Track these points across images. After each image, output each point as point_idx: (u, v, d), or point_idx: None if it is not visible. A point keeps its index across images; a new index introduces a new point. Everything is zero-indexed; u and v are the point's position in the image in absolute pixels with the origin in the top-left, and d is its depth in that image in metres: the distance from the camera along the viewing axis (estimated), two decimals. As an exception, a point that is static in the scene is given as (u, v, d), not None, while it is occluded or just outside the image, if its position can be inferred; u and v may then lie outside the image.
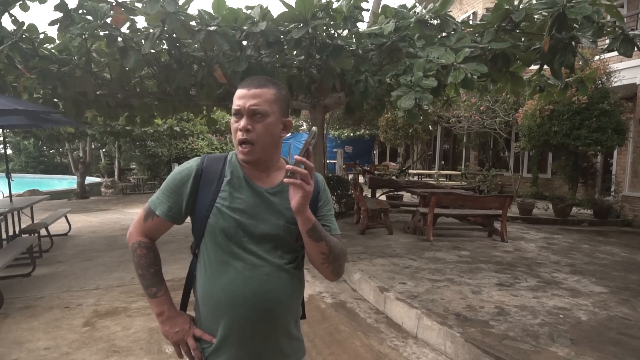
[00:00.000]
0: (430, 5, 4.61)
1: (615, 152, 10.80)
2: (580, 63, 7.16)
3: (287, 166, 1.17)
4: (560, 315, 3.71)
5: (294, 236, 1.35)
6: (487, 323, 3.50)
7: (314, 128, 1.24)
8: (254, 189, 1.35)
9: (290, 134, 8.37)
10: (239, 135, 1.30)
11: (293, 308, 1.42)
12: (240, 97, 1.30)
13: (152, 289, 1.41)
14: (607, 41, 4.51)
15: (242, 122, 1.29)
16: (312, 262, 1.38)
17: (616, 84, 9.51)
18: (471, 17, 16.41)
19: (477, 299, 4.07)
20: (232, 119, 1.33)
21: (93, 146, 16.16)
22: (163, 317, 1.41)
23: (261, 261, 1.32)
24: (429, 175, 15.35)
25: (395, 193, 10.55)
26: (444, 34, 4.94)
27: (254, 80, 1.34)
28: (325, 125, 10.63)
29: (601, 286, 4.64)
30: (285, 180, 1.17)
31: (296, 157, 1.16)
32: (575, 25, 4.20)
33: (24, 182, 20.41)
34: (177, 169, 1.41)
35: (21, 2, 4.67)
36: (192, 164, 1.40)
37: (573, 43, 4.25)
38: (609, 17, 4.42)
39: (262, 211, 1.34)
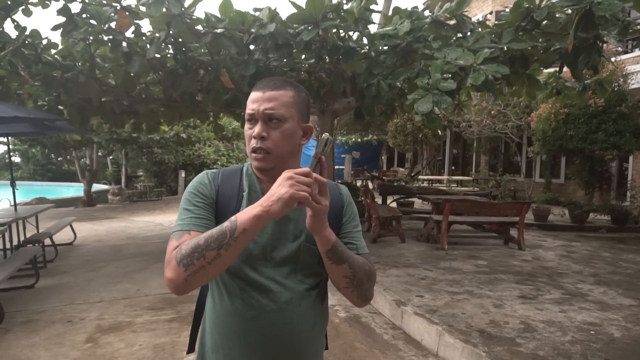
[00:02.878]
0: (446, 5, 4.41)
1: (630, 157, 10.51)
2: (606, 63, 6.91)
3: None
4: (592, 332, 3.47)
5: (315, 257, 1.17)
6: (514, 341, 3.27)
7: (324, 135, 1.03)
8: None
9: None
10: (253, 143, 1.13)
11: (316, 341, 1.24)
12: (254, 101, 1.13)
13: (224, 234, 0.99)
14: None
15: (257, 129, 1.12)
16: (336, 287, 1.20)
17: (633, 86, 9.26)
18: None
19: (501, 314, 3.84)
20: (246, 125, 1.16)
21: (100, 153, 16.10)
22: (257, 209, 0.98)
23: (279, 287, 1.14)
24: (439, 181, 15.10)
25: (406, 199, 10.33)
26: (460, 35, 4.74)
27: (270, 81, 1.15)
28: (333, 131, 10.48)
29: (630, 298, 4.39)
30: None
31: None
32: (599, 23, 4.00)
33: (31, 190, 20.45)
34: (189, 185, 1.20)
35: (23, 7, 4.55)
36: (203, 175, 1.22)
37: (598, 42, 4.04)
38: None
39: (280, 230, 1.17)
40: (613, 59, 9.01)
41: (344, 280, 1.15)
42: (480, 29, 4.76)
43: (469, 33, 4.61)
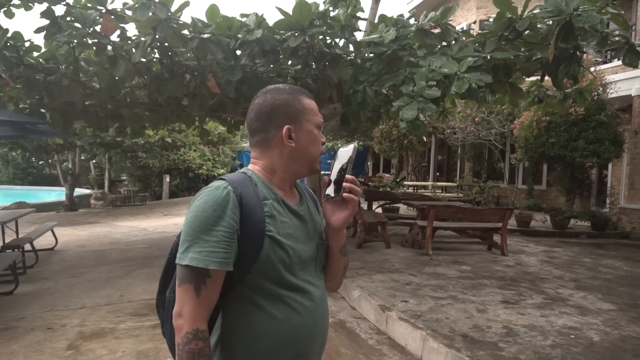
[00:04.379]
0: (431, 14, 4.48)
1: (610, 164, 10.76)
2: (585, 73, 7.09)
3: (345, 184, 1.17)
4: (572, 336, 3.54)
5: (325, 252, 1.30)
6: (496, 345, 3.32)
7: (355, 144, 1.20)
8: (291, 209, 1.22)
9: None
10: (322, 148, 1.27)
11: None
12: (317, 110, 1.27)
13: None
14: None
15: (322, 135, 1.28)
16: (331, 277, 1.34)
17: (612, 96, 9.50)
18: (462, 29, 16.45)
19: (484, 318, 3.89)
20: (316, 130, 1.25)
21: (83, 157, 15.88)
22: None
23: (312, 287, 1.22)
24: (424, 187, 15.23)
25: (392, 205, 10.40)
26: (444, 43, 4.81)
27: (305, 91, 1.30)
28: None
29: (609, 303, 4.48)
30: (345, 195, 1.17)
31: (348, 176, 1.17)
32: (579, 34, 4.10)
33: (11, 194, 20.05)
34: (204, 201, 1.07)
35: (5, 8, 4.48)
36: (221, 191, 1.09)
37: (577, 53, 4.14)
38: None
39: (302, 232, 1.23)
40: (592, 69, 9.26)
41: (341, 269, 1.32)
42: (464, 38, 4.84)
43: (453, 42, 4.69)
